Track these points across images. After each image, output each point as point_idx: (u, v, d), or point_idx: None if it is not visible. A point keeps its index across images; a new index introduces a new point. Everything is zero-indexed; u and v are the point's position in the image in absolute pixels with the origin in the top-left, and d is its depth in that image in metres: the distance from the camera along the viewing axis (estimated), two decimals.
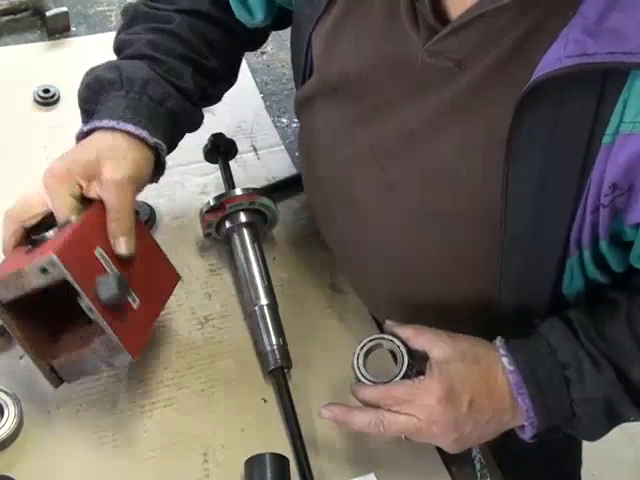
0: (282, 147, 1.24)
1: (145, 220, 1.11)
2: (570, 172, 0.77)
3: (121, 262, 0.87)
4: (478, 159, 0.81)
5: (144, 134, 0.90)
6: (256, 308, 1.01)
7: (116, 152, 0.88)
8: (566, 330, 0.84)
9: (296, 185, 1.18)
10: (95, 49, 1.31)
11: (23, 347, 0.87)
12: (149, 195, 1.13)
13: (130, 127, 0.89)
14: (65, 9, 1.33)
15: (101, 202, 0.86)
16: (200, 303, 1.06)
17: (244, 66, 1.34)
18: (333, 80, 0.92)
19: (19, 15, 1.35)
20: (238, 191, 1.07)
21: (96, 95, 0.94)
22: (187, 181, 1.18)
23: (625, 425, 0.90)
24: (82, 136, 0.92)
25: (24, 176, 1.12)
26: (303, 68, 0.97)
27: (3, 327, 0.90)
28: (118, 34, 1.03)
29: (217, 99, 1.09)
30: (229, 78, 1.09)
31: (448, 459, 0.96)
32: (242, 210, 1.06)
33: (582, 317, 0.84)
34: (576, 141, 0.75)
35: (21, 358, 0.97)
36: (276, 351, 0.98)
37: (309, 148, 1.02)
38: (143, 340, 0.90)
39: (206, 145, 1.15)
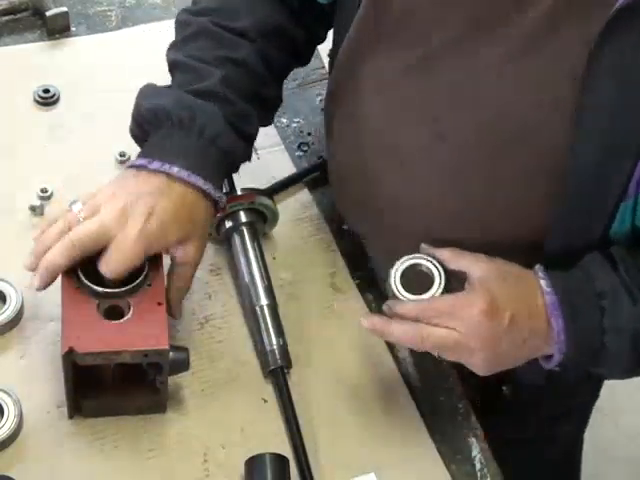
0: (282, 147, 1.24)
1: None
2: None
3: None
4: (549, 94, 0.81)
5: (210, 190, 0.92)
6: (256, 308, 1.01)
7: (202, 228, 0.94)
8: (606, 263, 0.84)
9: (296, 185, 1.18)
10: (95, 49, 1.32)
11: (66, 384, 0.90)
12: None
13: (199, 182, 0.91)
14: (65, 9, 1.32)
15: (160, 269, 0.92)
16: (200, 303, 1.05)
17: None
18: (387, 18, 0.89)
19: (19, 15, 1.34)
20: (238, 191, 1.07)
21: (158, 122, 0.93)
22: None
23: (625, 425, 0.91)
24: (140, 167, 0.92)
25: (24, 176, 1.13)
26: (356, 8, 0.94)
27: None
28: (177, 48, 1.00)
29: (269, 123, 1.09)
30: (280, 99, 1.08)
31: (448, 459, 0.96)
32: (242, 210, 1.06)
33: (623, 252, 0.85)
34: None
35: (21, 358, 0.97)
36: (276, 351, 0.98)
37: (348, 115, 0.99)
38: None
39: None
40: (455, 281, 0.88)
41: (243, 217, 1.06)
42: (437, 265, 0.89)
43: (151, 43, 1.08)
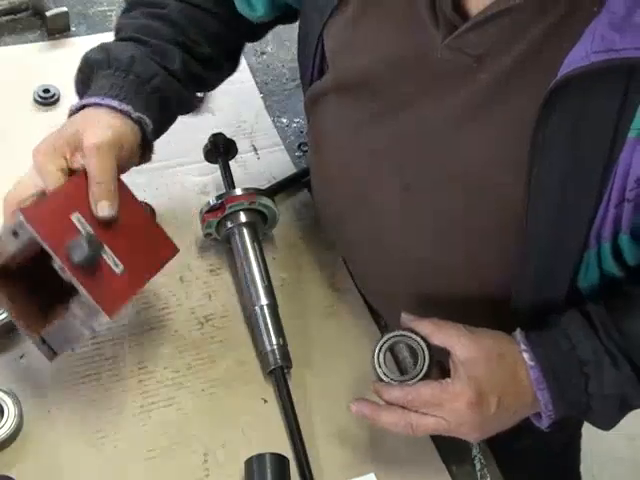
0: (282, 147, 1.24)
1: None
2: (594, 166, 0.77)
3: (104, 229, 0.87)
4: (500, 156, 0.81)
5: (127, 108, 0.91)
6: (256, 308, 1.01)
7: (97, 122, 0.90)
8: (586, 325, 0.84)
9: (296, 185, 1.18)
10: None
11: (12, 317, 0.87)
12: (149, 195, 1.13)
13: (114, 103, 0.91)
14: (65, 9, 1.33)
15: (84, 171, 0.87)
16: (200, 303, 1.06)
17: (244, 66, 1.34)
18: (349, 78, 0.92)
19: (19, 15, 1.35)
20: (238, 191, 1.07)
21: (87, 77, 0.97)
22: (187, 181, 1.18)
23: (624, 426, 0.91)
24: (71, 114, 0.94)
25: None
26: (312, 67, 0.97)
27: (7, 325, 0.92)
28: (119, 19, 1.05)
29: (212, 85, 1.10)
30: (227, 65, 1.09)
31: (448, 459, 0.96)
32: (242, 210, 1.06)
33: (601, 312, 0.84)
34: (601, 136, 0.75)
35: (21, 358, 0.97)
36: (276, 351, 0.98)
37: (320, 148, 1.01)
38: (122, 302, 0.88)
39: (206, 145, 1.15)
40: (438, 351, 0.87)
41: (243, 217, 1.06)
42: (420, 342, 0.87)
43: None
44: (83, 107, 0.92)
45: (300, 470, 0.91)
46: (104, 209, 0.86)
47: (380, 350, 0.88)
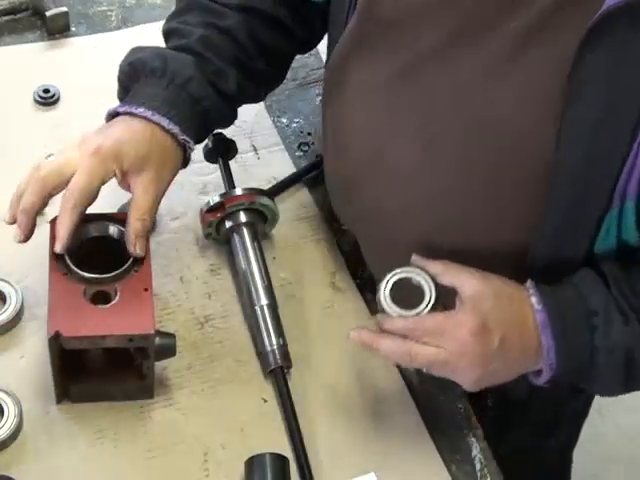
0: (282, 147, 1.24)
1: None
2: (627, 114, 0.75)
3: None
4: (533, 104, 0.80)
5: (175, 130, 0.93)
6: (256, 308, 1.01)
7: (161, 162, 0.92)
8: (598, 281, 0.83)
9: (296, 185, 1.18)
10: (95, 49, 1.32)
11: (53, 367, 0.90)
12: None
13: (164, 122, 0.93)
14: (65, 9, 1.32)
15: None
16: (200, 303, 1.05)
17: None
18: (376, 25, 0.89)
19: (19, 15, 1.35)
20: (238, 191, 1.07)
21: (136, 75, 0.97)
22: (187, 181, 1.18)
23: (625, 425, 0.91)
24: (114, 115, 0.95)
25: (24, 176, 1.13)
26: (344, 24, 0.94)
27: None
28: (170, 19, 1.05)
29: (260, 98, 1.11)
30: (276, 79, 1.10)
31: (448, 459, 0.96)
32: (242, 210, 1.06)
33: (615, 270, 0.84)
34: (637, 82, 0.74)
35: (21, 358, 0.97)
36: (276, 351, 0.98)
37: (337, 116, 0.99)
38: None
39: (206, 145, 1.15)
40: (446, 296, 0.86)
41: (243, 217, 1.06)
42: (428, 279, 0.86)
43: (151, 43, 1.08)
44: (129, 113, 0.93)
45: (300, 470, 0.91)
46: (139, 247, 0.91)
47: (387, 283, 0.87)
